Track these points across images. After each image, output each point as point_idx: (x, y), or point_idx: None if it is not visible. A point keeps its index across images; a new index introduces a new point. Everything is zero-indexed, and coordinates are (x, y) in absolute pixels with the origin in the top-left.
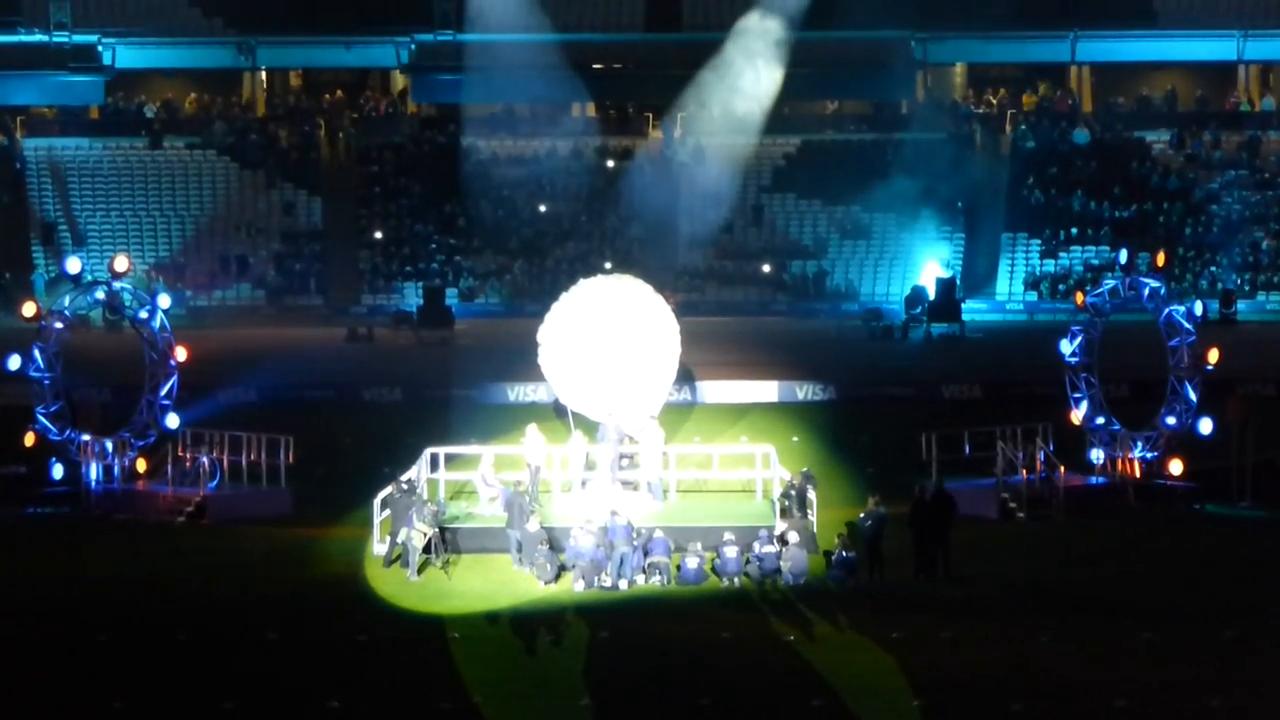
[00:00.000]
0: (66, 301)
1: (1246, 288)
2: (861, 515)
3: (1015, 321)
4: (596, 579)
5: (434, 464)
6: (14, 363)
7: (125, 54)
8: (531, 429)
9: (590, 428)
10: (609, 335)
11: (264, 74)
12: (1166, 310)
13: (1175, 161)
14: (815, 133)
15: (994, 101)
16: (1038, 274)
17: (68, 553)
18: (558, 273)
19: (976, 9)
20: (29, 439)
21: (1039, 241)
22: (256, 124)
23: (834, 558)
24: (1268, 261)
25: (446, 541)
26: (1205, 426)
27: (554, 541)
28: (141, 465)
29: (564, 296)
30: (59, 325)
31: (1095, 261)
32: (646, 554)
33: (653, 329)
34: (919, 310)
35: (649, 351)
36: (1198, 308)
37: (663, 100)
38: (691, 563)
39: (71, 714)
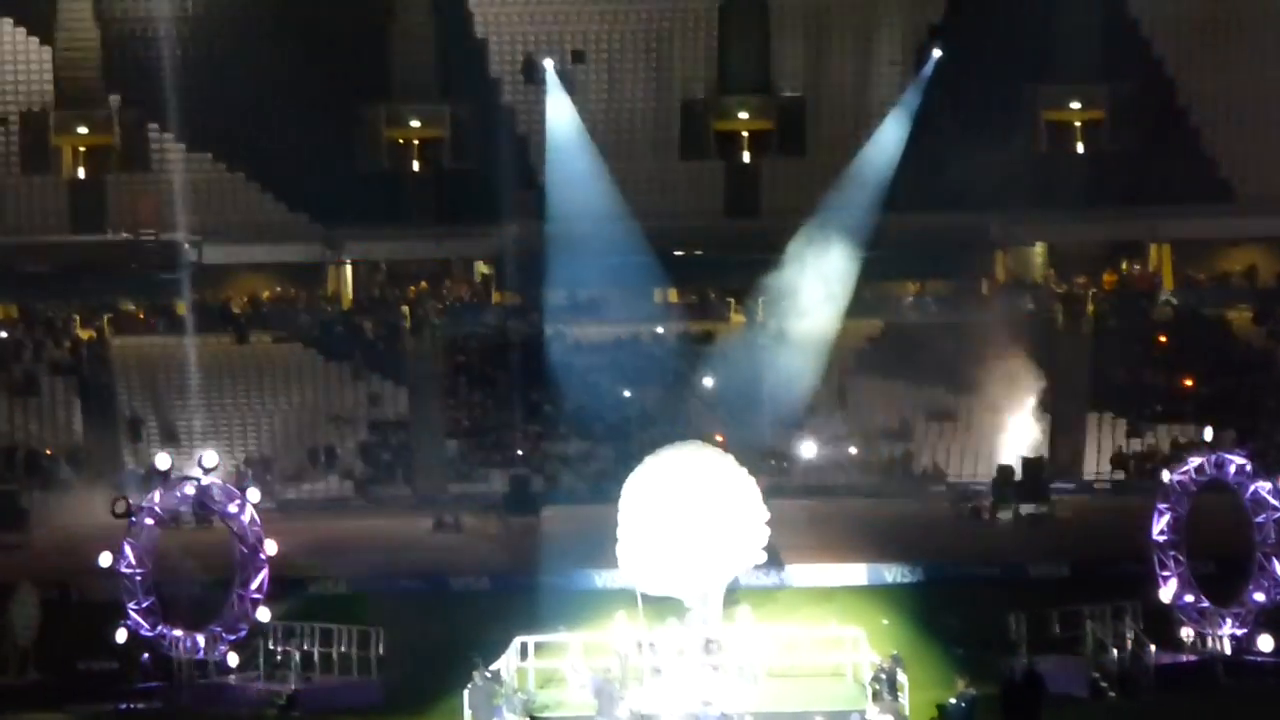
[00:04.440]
0: (156, 498)
1: None
2: (952, 699)
3: (1102, 500)
4: None
5: (523, 652)
6: (105, 559)
7: (211, 250)
8: (620, 615)
9: (666, 608)
10: (686, 502)
11: (348, 266)
12: (1252, 487)
13: (1257, 336)
14: (897, 314)
15: (1075, 283)
16: (1124, 452)
17: None
18: (643, 457)
19: (1054, 188)
20: (120, 635)
21: (1124, 419)
22: (342, 316)
23: None
24: None
25: None
26: None
27: None
28: (233, 659)
29: (643, 465)
30: (149, 521)
31: (1180, 438)
32: None
33: (730, 495)
34: (1006, 491)
35: (727, 518)
36: None
37: (744, 284)
38: None
39: None
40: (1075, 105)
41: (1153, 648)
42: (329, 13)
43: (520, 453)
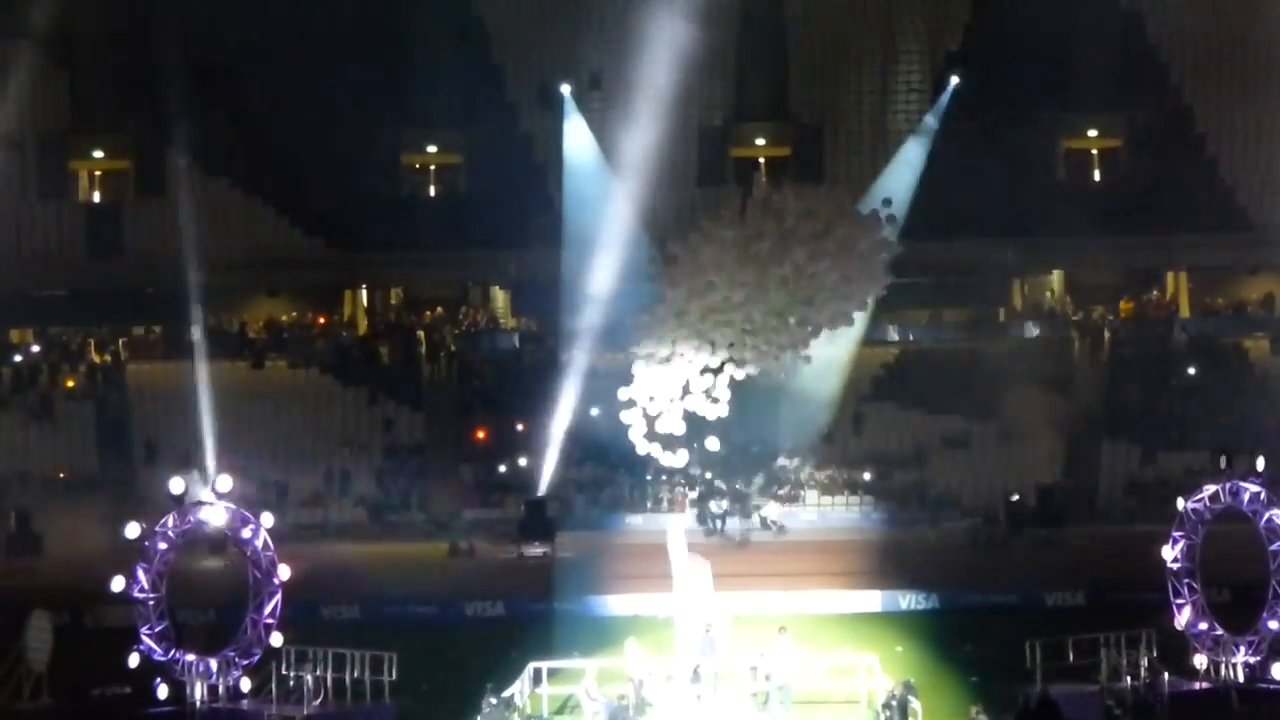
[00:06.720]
0: (170, 522)
1: None
2: None
3: (1117, 528)
4: None
5: (537, 678)
6: (118, 584)
7: (228, 275)
8: (630, 642)
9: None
10: None
11: (365, 291)
12: (1267, 515)
13: (1274, 365)
14: (914, 341)
15: (1092, 311)
16: (1138, 480)
17: None
18: (658, 483)
19: (1071, 216)
20: (134, 660)
21: (1139, 447)
22: (358, 341)
23: None
24: None
25: None
26: None
27: None
28: (246, 684)
29: None
30: (162, 545)
31: (1195, 467)
32: None
33: None
34: (1021, 518)
35: None
36: None
37: None
38: None
39: None
40: (1093, 133)
41: (1167, 675)
42: (347, 39)
43: (535, 478)
